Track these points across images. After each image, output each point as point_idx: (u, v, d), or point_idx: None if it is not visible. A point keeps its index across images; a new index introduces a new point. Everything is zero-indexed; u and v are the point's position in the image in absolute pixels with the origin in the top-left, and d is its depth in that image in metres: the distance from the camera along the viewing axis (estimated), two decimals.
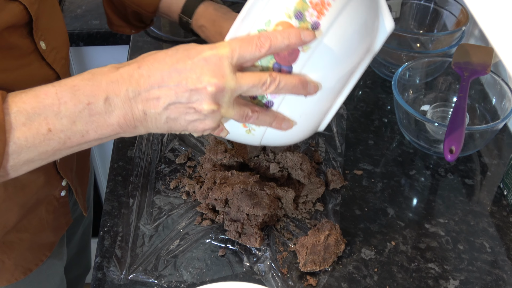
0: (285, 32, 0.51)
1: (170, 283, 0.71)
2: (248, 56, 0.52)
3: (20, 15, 0.64)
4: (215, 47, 0.52)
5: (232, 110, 0.54)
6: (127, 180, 0.85)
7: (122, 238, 0.76)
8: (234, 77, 0.52)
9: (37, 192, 0.78)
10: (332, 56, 0.55)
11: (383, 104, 1.01)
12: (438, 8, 1.09)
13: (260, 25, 0.53)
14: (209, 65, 0.51)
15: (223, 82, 0.51)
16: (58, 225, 0.87)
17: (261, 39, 0.52)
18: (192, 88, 0.52)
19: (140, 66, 0.52)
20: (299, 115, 0.59)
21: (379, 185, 0.85)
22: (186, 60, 0.52)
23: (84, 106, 0.52)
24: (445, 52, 0.99)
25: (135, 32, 0.96)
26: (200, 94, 0.52)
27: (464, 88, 0.85)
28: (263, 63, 0.55)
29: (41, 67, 0.71)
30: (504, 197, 0.84)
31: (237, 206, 0.76)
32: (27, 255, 0.81)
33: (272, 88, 0.53)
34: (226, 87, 0.52)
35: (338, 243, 0.74)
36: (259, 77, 0.53)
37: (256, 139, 0.62)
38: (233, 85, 0.52)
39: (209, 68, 0.51)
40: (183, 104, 0.53)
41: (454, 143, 0.77)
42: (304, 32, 0.52)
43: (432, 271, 0.74)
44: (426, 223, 0.80)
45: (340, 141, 0.91)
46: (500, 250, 0.76)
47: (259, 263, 0.73)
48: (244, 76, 0.53)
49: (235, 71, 0.52)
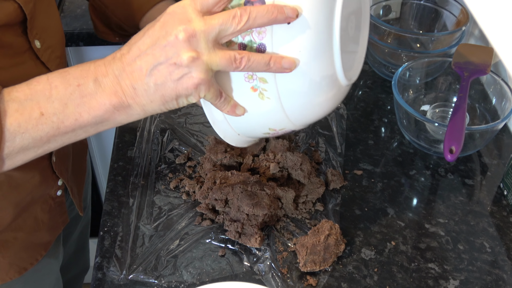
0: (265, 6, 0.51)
1: (170, 283, 0.71)
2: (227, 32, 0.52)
3: (14, 13, 0.64)
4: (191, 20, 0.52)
5: (215, 55, 0.53)
6: (127, 180, 0.85)
7: (122, 238, 0.76)
8: (202, 19, 0.52)
9: (32, 191, 0.78)
10: None
11: (383, 104, 1.01)
12: (438, 8, 1.09)
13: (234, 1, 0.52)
14: (174, 16, 0.52)
15: (191, 26, 0.51)
16: (54, 224, 0.86)
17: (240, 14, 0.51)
18: (165, 44, 0.52)
19: (121, 48, 0.55)
20: (298, 50, 0.53)
21: (379, 185, 0.85)
22: (155, 23, 0.53)
23: (75, 88, 0.53)
24: (445, 52, 0.99)
25: (119, 40, 0.95)
26: (174, 46, 0.52)
27: (464, 88, 0.85)
28: (233, 4, 0.54)
29: (35, 66, 0.71)
30: (504, 197, 0.84)
31: (237, 206, 0.76)
32: (22, 254, 0.81)
33: (245, 19, 0.51)
34: (196, 30, 0.51)
35: (338, 243, 0.74)
36: (228, 13, 0.52)
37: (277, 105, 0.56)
38: (202, 26, 0.51)
39: (175, 18, 0.52)
40: (163, 64, 0.52)
41: (454, 143, 0.77)
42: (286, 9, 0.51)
43: (432, 271, 0.74)
44: (426, 223, 0.80)
45: (340, 141, 0.91)
46: (500, 250, 0.76)
47: (259, 263, 0.73)
48: (212, 16, 0.52)
49: (203, 15, 0.52)
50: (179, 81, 0.53)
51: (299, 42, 0.53)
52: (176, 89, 0.54)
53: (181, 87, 0.54)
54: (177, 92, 0.54)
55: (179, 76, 0.53)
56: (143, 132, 0.93)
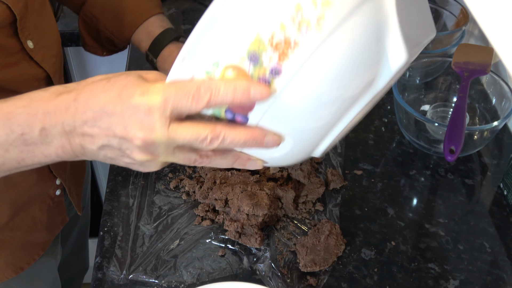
0: (230, 85, 0.43)
1: (170, 283, 0.71)
2: (184, 110, 0.45)
3: (4, 14, 0.64)
4: (147, 92, 0.45)
5: (174, 157, 0.49)
6: (127, 180, 0.85)
7: (122, 238, 0.77)
8: (166, 131, 0.45)
9: (29, 190, 0.78)
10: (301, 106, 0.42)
11: (383, 104, 1.01)
12: (438, 8, 1.09)
13: (207, 66, 0.43)
14: (137, 115, 0.45)
15: (151, 136, 0.46)
16: (52, 224, 0.86)
17: (200, 91, 0.44)
18: (120, 136, 0.47)
19: (76, 99, 0.48)
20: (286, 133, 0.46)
21: (379, 185, 0.85)
22: (117, 103, 0.46)
23: (18, 136, 0.49)
24: (445, 52, 0.99)
25: (106, 54, 0.94)
26: (129, 144, 0.47)
27: (464, 88, 0.85)
28: (214, 110, 0.45)
29: (29, 66, 0.71)
30: (504, 197, 0.84)
31: (237, 206, 0.76)
32: (19, 253, 0.81)
33: (215, 145, 0.46)
34: (156, 141, 0.46)
35: (338, 243, 0.74)
36: (197, 132, 0.46)
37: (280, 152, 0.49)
38: (164, 139, 0.46)
39: (137, 119, 0.45)
40: (115, 148, 0.48)
41: (454, 143, 0.77)
42: (255, 88, 0.42)
43: (432, 271, 0.74)
44: (426, 223, 0.80)
45: (340, 141, 0.91)
46: (500, 250, 0.76)
47: (259, 263, 0.73)
48: (179, 129, 0.46)
49: (170, 123, 0.46)
50: (130, 165, 0.50)
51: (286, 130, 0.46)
52: (128, 165, 0.51)
53: (134, 168, 0.51)
54: (129, 167, 0.51)
55: (131, 163, 0.50)
56: None
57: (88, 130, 0.48)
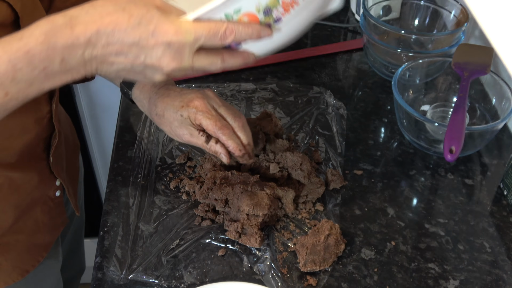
0: (249, 28, 0.55)
1: (170, 283, 0.71)
2: (210, 44, 0.55)
3: (6, 13, 0.63)
4: (181, 32, 0.53)
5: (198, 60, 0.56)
6: (127, 180, 0.85)
7: (122, 238, 0.76)
8: (191, 59, 0.55)
9: (32, 192, 0.78)
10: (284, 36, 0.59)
11: (383, 104, 1.01)
12: (438, 8, 1.09)
13: (229, 10, 0.55)
14: (171, 49, 0.53)
15: (180, 64, 0.55)
16: (54, 225, 0.86)
17: (226, 32, 0.54)
18: (149, 64, 0.54)
19: (99, 31, 0.52)
20: None
21: (379, 185, 0.85)
22: (149, 38, 0.52)
23: (40, 70, 0.53)
24: (445, 52, 0.99)
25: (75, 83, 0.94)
26: (155, 70, 0.55)
27: (464, 88, 0.85)
28: None
29: None
30: (504, 197, 0.84)
31: (237, 206, 0.76)
32: (24, 256, 0.81)
33: (231, 38, 0.55)
34: (182, 67, 0.55)
35: (338, 243, 0.74)
36: (215, 26, 0.54)
37: None
38: (188, 64, 0.55)
39: (171, 52, 0.53)
40: (135, 71, 0.55)
41: (454, 143, 0.77)
42: (264, 30, 0.56)
43: (432, 271, 0.74)
44: (426, 223, 0.80)
45: (340, 141, 0.91)
46: (500, 250, 0.76)
47: (259, 263, 0.73)
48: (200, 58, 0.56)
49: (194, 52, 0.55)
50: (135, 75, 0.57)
51: None
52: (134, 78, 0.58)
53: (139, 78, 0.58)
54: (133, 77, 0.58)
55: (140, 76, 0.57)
56: (143, 132, 0.93)
57: (111, 58, 0.53)
